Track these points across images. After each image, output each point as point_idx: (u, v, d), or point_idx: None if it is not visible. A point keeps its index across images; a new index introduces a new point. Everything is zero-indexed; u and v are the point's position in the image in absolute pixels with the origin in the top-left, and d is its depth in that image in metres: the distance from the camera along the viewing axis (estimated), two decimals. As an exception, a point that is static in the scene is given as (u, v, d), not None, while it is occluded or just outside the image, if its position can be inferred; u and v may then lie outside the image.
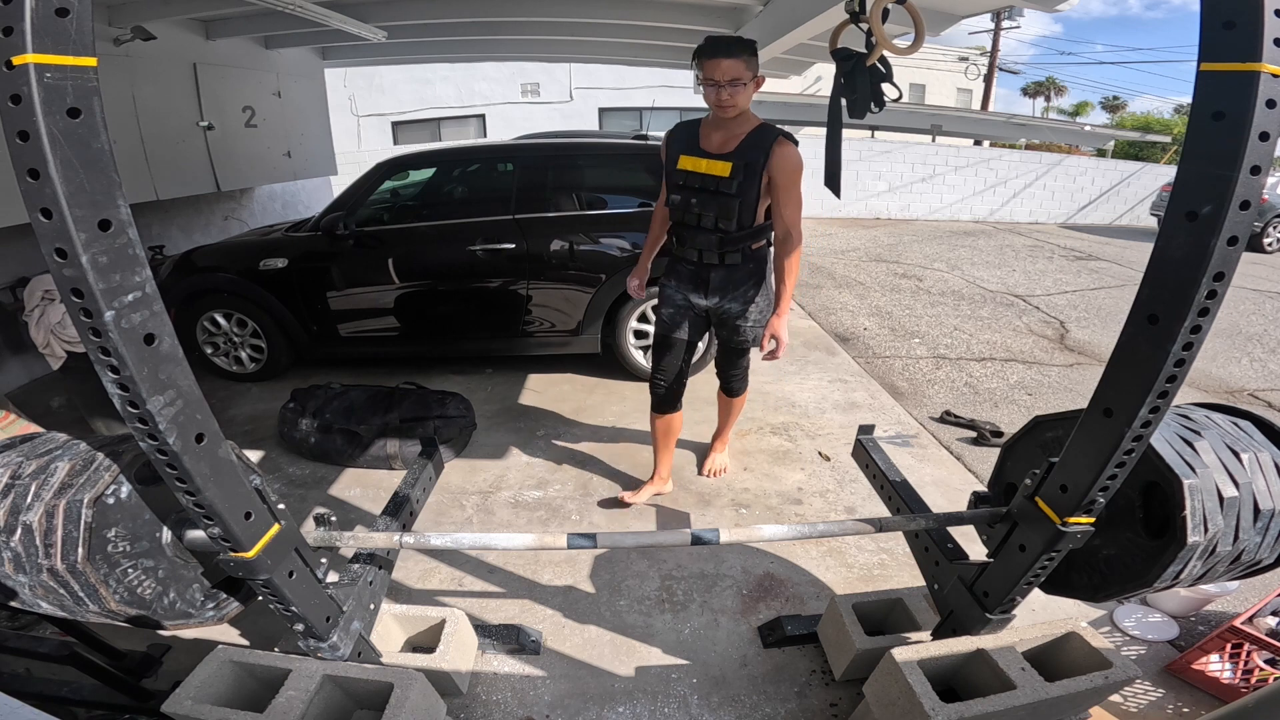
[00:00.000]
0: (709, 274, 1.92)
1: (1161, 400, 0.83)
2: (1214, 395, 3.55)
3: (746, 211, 1.80)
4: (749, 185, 1.75)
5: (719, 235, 1.84)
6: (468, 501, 2.34)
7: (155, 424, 0.73)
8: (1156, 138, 14.47)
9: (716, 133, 1.79)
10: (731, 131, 1.77)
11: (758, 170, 1.73)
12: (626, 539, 1.19)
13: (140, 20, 3.31)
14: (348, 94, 9.73)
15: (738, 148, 1.75)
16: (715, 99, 1.69)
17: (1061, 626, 1.27)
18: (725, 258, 1.88)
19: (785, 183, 1.75)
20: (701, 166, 1.78)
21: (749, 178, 1.74)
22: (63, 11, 0.58)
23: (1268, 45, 0.64)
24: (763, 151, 1.72)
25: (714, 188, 1.77)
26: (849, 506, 2.32)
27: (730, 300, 1.95)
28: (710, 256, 1.88)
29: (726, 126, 1.77)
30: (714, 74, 1.66)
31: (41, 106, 0.57)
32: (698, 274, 1.94)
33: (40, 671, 1.34)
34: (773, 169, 1.73)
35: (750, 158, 1.73)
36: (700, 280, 1.94)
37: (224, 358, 3.39)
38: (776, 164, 1.73)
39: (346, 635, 1.15)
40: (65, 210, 0.60)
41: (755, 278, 1.95)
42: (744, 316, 1.98)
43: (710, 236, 1.85)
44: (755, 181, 1.74)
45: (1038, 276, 6.63)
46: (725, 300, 1.96)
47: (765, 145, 1.72)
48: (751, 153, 1.73)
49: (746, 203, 1.78)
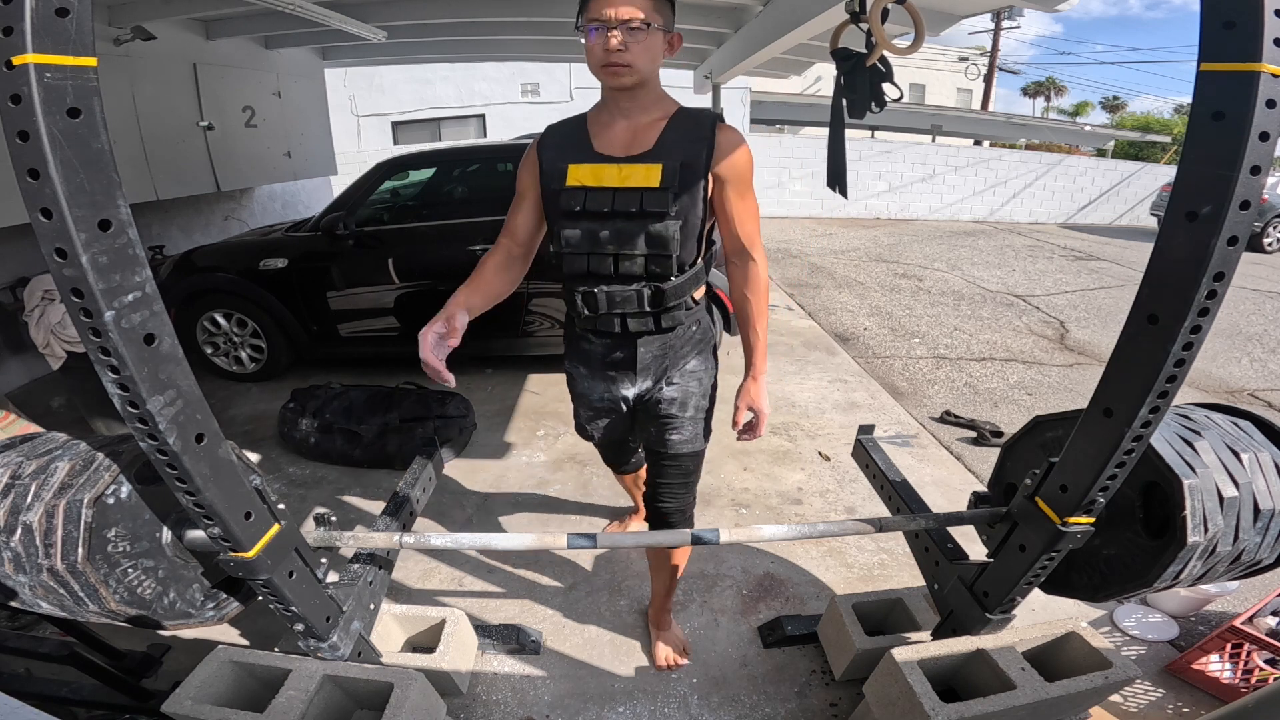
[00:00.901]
0: (635, 349, 1.27)
1: (1161, 400, 0.83)
2: (1214, 395, 3.55)
3: (690, 240, 1.17)
4: (692, 197, 1.14)
5: (651, 286, 1.19)
6: (468, 501, 2.34)
7: (155, 424, 0.73)
8: (1156, 138, 14.50)
9: (618, 124, 1.16)
10: (640, 120, 1.15)
11: (700, 171, 1.13)
12: (626, 539, 1.19)
13: (140, 20, 3.31)
14: (348, 94, 9.72)
15: (659, 143, 1.14)
16: (603, 52, 1.07)
17: (1061, 626, 1.27)
18: (662, 320, 1.23)
19: (741, 185, 1.17)
20: (609, 178, 1.14)
21: (689, 185, 1.13)
22: (63, 11, 0.58)
23: (1268, 45, 0.64)
24: (702, 143, 1.13)
25: (636, 208, 1.13)
26: (849, 506, 2.32)
27: (666, 384, 1.31)
28: (640, 322, 1.23)
29: (630, 113, 1.15)
30: (602, 11, 1.05)
31: (41, 106, 0.57)
32: (618, 352, 1.29)
33: (40, 671, 1.34)
34: (721, 167, 1.14)
35: (687, 155, 1.13)
36: (624, 361, 1.29)
37: (224, 358, 3.39)
38: (726, 159, 1.14)
39: (346, 635, 1.15)
40: (65, 210, 0.60)
41: (702, 345, 1.34)
42: (683, 405, 1.32)
43: (636, 289, 1.19)
44: (699, 190, 1.14)
45: (1038, 276, 6.63)
46: (659, 384, 1.32)
47: (703, 134, 1.14)
48: (685, 147, 1.13)
49: (690, 225, 1.16)
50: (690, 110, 1.18)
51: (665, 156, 1.13)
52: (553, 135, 1.23)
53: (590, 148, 1.17)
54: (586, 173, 1.16)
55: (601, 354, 1.32)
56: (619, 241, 1.16)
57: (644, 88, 1.14)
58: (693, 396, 1.33)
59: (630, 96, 1.14)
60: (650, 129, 1.16)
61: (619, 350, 1.29)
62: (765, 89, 10.81)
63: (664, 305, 1.22)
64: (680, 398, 1.32)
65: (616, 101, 1.16)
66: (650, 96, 1.16)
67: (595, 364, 1.34)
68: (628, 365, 1.30)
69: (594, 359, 1.34)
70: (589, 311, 1.24)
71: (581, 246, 1.18)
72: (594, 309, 1.23)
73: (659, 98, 1.18)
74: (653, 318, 1.23)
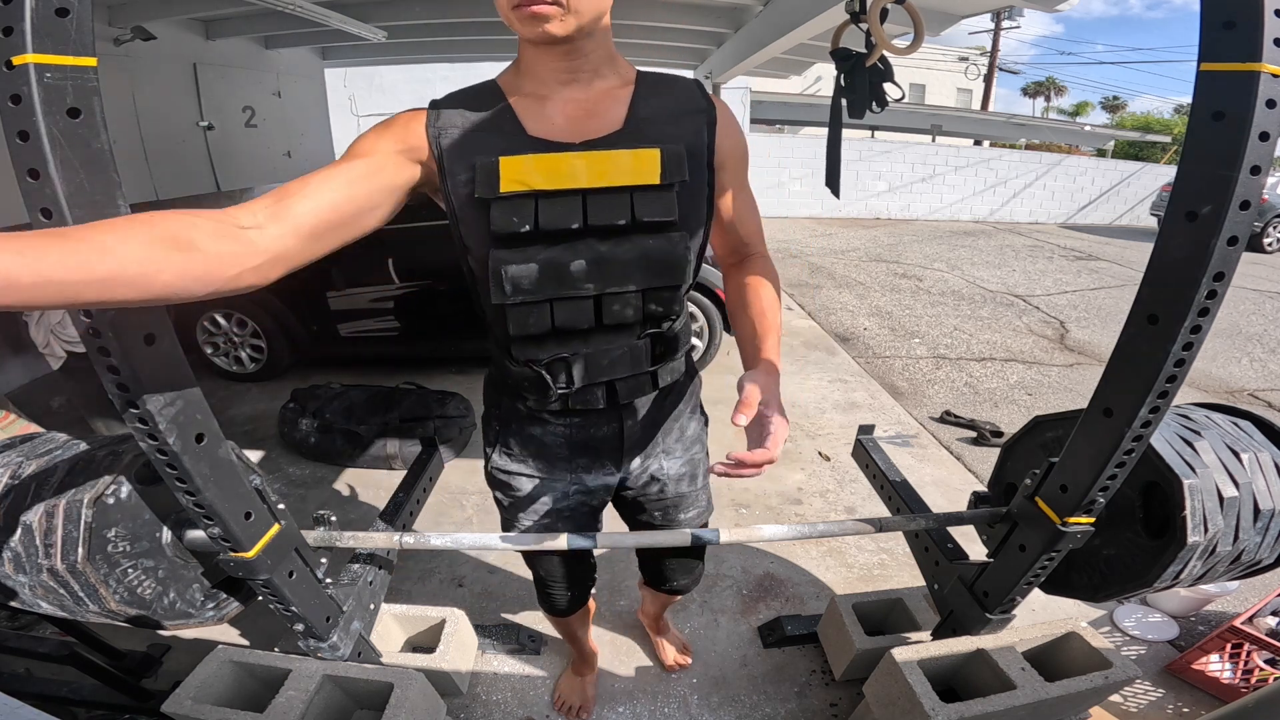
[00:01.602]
0: (623, 423, 0.93)
1: (1161, 400, 0.83)
2: (1214, 395, 3.55)
3: (695, 259, 0.84)
4: (695, 198, 0.80)
5: (649, 333, 0.85)
6: (468, 501, 2.33)
7: (155, 424, 0.73)
8: (1156, 138, 14.49)
9: (556, 96, 0.76)
10: (592, 87, 0.77)
11: (703, 158, 0.79)
12: (626, 539, 1.19)
13: (140, 20, 3.31)
14: (348, 94, 9.72)
15: (632, 117, 0.77)
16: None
17: (1061, 626, 1.27)
18: (659, 376, 0.90)
19: (744, 171, 0.88)
20: (572, 174, 0.74)
21: (695, 179, 0.79)
22: (63, 11, 0.58)
23: (1268, 45, 0.64)
24: (700, 117, 0.79)
25: (625, 219, 0.76)
26: (849, 506, 2.32)
27: (665, 457, 1.02)
28: (634, 386, 0.88)
29: (574, 79, 0.76)
30: None
31: (41, 106, 0.57)
32: (597, 430, 0.93)
33: (40, 671, 1.34)
34: (725, 150, 0.82)
35: (684, 134, 0.78)
36: (605, 441, 0.95)
37: (224, 358, 3.40)
38: (730, 139, 0.82)
39: (346, 635, 1.15)
40: (65, 210, 0.60)
41: (693, 397, 1.04)
42: (693, 478, 1.07)
43: (630, 344, 0.85)
44: (704, 185, 0.81)
45: (1038, 276, 6.63)
46: (654, 458, 1.01)
47: (697, 104, 0.80)
48: (675, 123, 0.78)
49: (697, 240, 0.82)
50: (656, 74, 0.82)
51: (656, 137, 0.76)
52: (452, 109, 0.76)
53: (522, 131, 0.75)
54: (531, 168, 0.73)
55: (567, 437, 0.93)
56: (602, 275, 0.77)
57: (590, 40, 0.73)
58: (701, 463, 1.07)
59: (568, 53, 0.73)
60: (610, 99, 0.77)
61: (597, 427, 0.92)
62: (765, 89, 10.79)
63: (663, 359, 0.88)
64: (689, 470, 1.05)
65: (545, 62, 0.74)
66: (601, 53, 0.76)
67: (555, 453, 0.96)
68: (610, 446, 0.94)
69: (553, 447, 0.95)
70: (560, 389, 0.84)
71: (541, 290, 0.76)
72: (568, 383, 0.83)
73: (610, 56, 0.78)
74: (650, 377, 0.88)
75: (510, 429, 0.97)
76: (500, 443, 0.99)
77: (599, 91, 0.77)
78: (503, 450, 0.99)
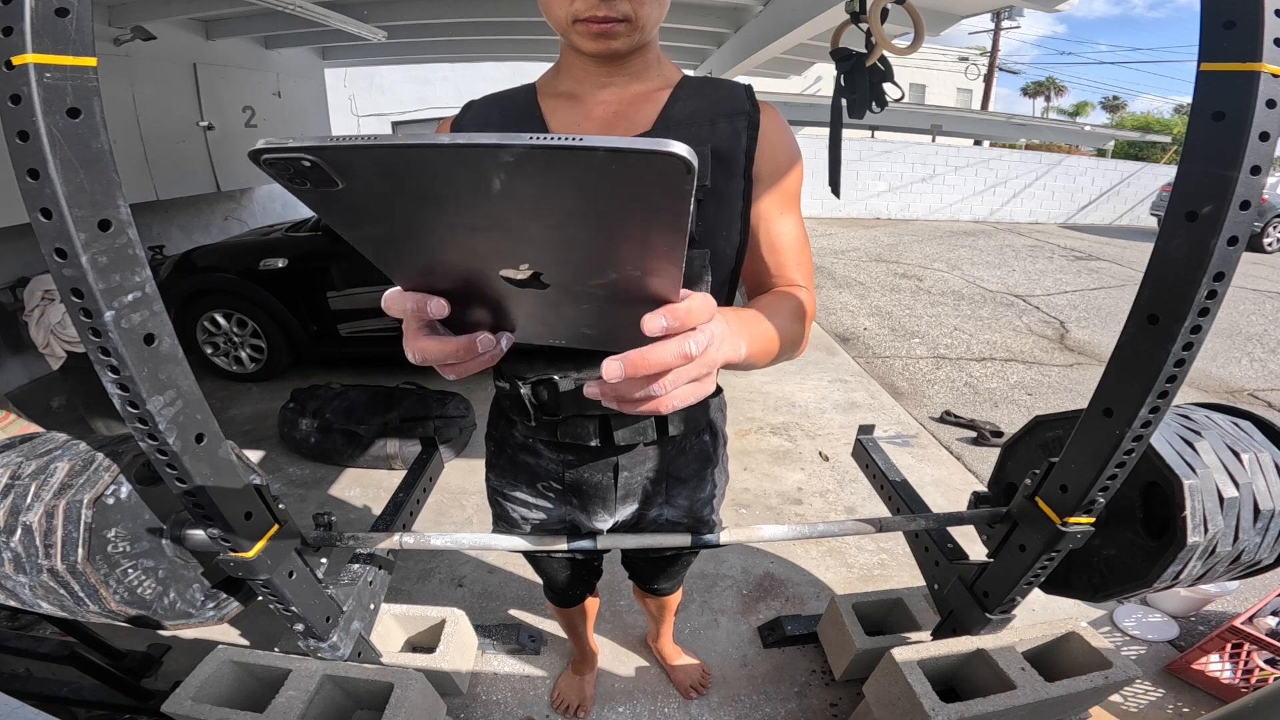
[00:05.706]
0: (618, 472, 0.86)
1: (1161, 400, 0.83)
2: (1214, 395, 3.55)
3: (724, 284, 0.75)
4: (726, 208, 0.70)
5: None
6: (468, 501, 2.33)
7: (155, 424, 0.73)
8: (1156, 138, 14.47)
9: (591, 97, 0.73)
10: (630, 89, 0.73)
11: (738, 165, 0.70)
12: (626, 539, 1.18)
13: (140, 20, 3.31)
14: (348, 94, 9.72)
15: (664, 119, 0.71)
16: None
17: (1061, 626, 1.27)
18: (666, 424, 0.80)
19: (789, 189, 0.75)
20: None
21: (722, 186, 0.69)
22: (63, 11, 0.58)
23: (1268, 45, 0.64)
24: (739, 119, 0.70)
25: None
26: (849, 506, 2.32)
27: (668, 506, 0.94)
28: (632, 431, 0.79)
29: (617, 80, 0.73)
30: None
31: (41, 106, 0.57)
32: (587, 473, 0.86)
33: (40, 671, 1.34)
34: (766, 161, 0.72)
35: (717, 137, 0.69)
36: (598, 491, 0.88)
37: (224, 358, 3.40)
38: (775, 149, 0.73)
39: (346, 635, 1.15)
40: (65, 210, 0.60)
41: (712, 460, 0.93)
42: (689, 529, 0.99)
43: None
44: (737, 195, 0.71)
45: (1038, 276, 6.63)
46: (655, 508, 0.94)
47: (737, 105, 0.71)
48: (710, 125, 0.70)
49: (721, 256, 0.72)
50: (703, 79, 0.75)
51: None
52: (479, 110, 0.76)
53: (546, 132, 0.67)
54: None
55: (558, 475, 0.87)
56: None
57: (645, 52, 0.72)
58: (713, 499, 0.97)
59: (620, 68, 0.71)
60: (645, 101, 0.72)
61: (591, 472, 0.84)
62: (765, 89, 10.78)
63: None
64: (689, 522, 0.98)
65: (586, 66, 0.72)
66: (648, 59, 0.73)
67: (548, 486, 0.91)
68: (601, 496, 0.88)
69: (545, 479, 0.89)
70: (543, 414, 0.77)
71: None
72: (552, 409, 0.76)
73: (657, 59, 0.74)
74: (654, 421, 0.79)
75: (505, 454, 0.94)
76: (494, 465, 0.98)
77: (634, 94, 0.73)
78: (497, 473, 0.98)
